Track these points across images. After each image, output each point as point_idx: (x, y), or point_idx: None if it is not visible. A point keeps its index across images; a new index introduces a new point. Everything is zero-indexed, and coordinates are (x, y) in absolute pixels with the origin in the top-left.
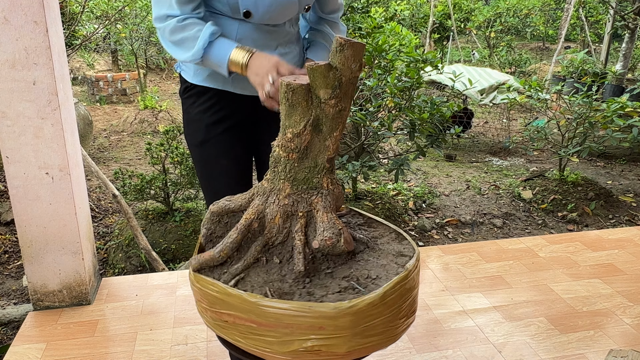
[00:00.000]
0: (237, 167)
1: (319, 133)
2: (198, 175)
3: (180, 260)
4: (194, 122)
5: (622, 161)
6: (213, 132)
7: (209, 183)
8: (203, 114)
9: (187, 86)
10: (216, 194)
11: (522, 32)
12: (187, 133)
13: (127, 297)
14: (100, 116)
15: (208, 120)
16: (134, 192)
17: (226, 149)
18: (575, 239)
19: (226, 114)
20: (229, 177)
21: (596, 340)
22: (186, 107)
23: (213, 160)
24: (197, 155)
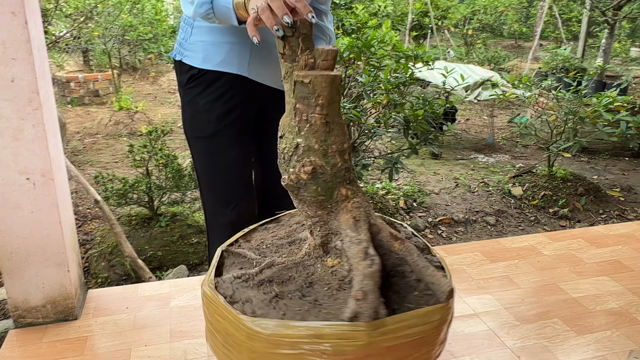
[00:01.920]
0: (246, 157)
1: None
2: (201, 170)
3: (167, 267)
4: (202, 113)
5: (605, 156)
6: (224, 122)
7: (215, 177)
8: (213, 103)
9: (194, 74)
10: (225, 188)
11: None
12: (192, 125)
13: (117, 310)
14: (73, 119)
15: (220, 109)
16: (115, 196)
17: (237, 138)
18: (577, 235)
19: (237, 102)
20: (239, 168)
21: (614, 341)
22: (191, 98)
23: (224, 152)
24: (202, 148)
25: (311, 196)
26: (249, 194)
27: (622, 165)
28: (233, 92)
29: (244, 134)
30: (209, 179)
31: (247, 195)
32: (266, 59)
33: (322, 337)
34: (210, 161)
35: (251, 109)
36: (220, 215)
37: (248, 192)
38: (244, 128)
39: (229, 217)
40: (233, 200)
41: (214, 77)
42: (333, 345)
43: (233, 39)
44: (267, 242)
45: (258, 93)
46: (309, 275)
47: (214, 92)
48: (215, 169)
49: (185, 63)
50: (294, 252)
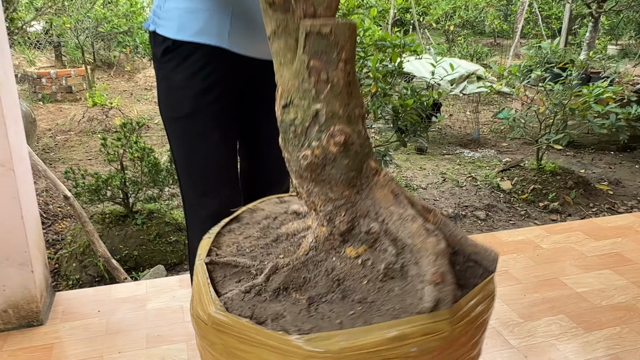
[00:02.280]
0: (227, 141)
1: None
2: (178, 155)
3: (144, 267)
4: (177, 90)
5: (591, 150)
6: (203, 101)
7: (195, 163)
8: (190, 79)
9: (168, 46)
10: (205, 175)
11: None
12: (168, 104)
13: (88, 314)
14: (44, 115)
15: (197, 86)
16: (87, 193)
17: (218, 120)
18: (575, 228)
19: (217, 78)
20: (221, 153)
21: (625, 338)
22: (165, 73)
23: (202, 135)
24: (179, 130)
25: (341, 173)
26: (233, 182)
27: (608, 159)
28: (212, 66)
29: (226, 115)
30: (187, 164)
31: (230, 184)
32: (249, 28)
33: (405, 338)
34: (187, 145)
35: (234, 86)
36: (200, 207)
37: (232, 181)
38: (226, 108)
39: (210, 208)
40: (214, 189)
41: (190, 49)
42: (419, 344)
43: (211, 6)
44: (245, 245)
45: (242, 68)
46: (329, 272)
47: (191, 66)
48: (193, 153)
49: (159, 34)
50: (291, 250)
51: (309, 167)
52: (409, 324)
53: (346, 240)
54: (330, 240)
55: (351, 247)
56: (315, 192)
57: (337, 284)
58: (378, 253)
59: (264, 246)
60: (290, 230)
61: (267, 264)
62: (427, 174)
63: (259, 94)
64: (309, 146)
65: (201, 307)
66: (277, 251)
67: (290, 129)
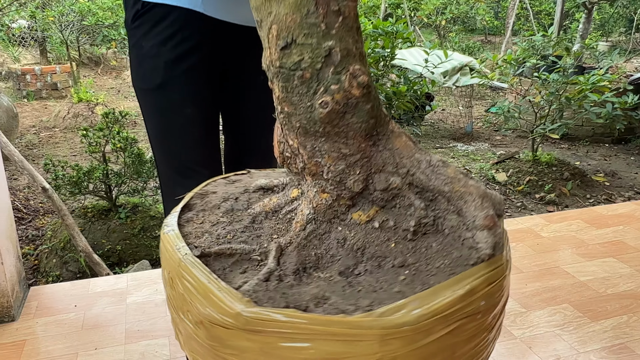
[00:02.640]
0: (204, 116)
1: None
2: (152, 131)
3: (128, 262)
4: (148, 58)
5: (586, 142)
6: (175, 70)
7: (166, 140)
8: (161, 46)
9: (138, 9)
10: (181, 152)
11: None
12: (139, 74)
13: (64, 309)
14: (29, 113)
15: (169, 54)
16: (68, 185)
17: (192, 92)
18: (575, 216)
19: (192, 45)
20: (198, 129)
21: (633, 327)
22: (136, 40)
23: (174, 108)
24: (151, 102)
25: (362, 121)
26: (214, 162)
27: (603, 151)
28: (186, 32)
29: (202, 87)
30: (161, 140)
31: (210, 163)
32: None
33: (474, 293)
34: (160, 119)
35: (212, 55)
36: (177, 187)
37: (212, 160)
38: (203, 79)
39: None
40: (191, 167)
41: (161, 13)
42: (485, 296)
43: None
44: (219, 232)
45: (221, 35)
46: (342, 243)
47: (162, 32)
48: (167, 129)
49: None
50: (282, 228)
51: (327, 117)
52: (473, 277)
53: (353, 205)
54: (334, 208)
55: (359, 212)
56: (325, 150)
57: (361, 254)
58: (398, 211)
59: (245, 229)
60: (268, 207)
61: (267, 246)
62: None
63: (241, 65)
64: (326, 91)
65: (216, 309)
66: (266, 232)
67: (295, 74)
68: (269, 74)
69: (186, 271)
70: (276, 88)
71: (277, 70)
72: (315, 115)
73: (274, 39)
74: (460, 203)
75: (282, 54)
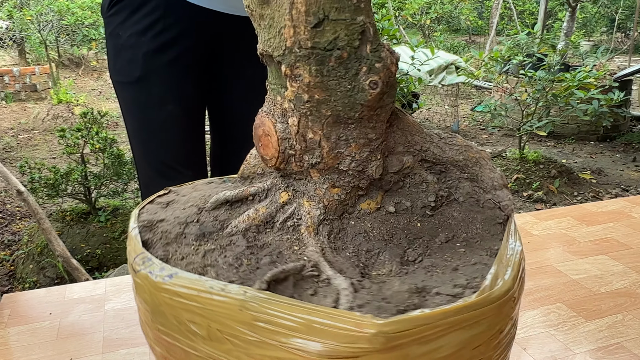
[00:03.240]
0: (188, 112)
1: None
2: (131, 127)
3: (108, 267)
4: (126, 49)
5: (571, 140)
6: (155, 62)
7: (146, 137)
8: (140, 35)
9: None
10: (157, 152)
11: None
12: (116, 66)
13: (38, 317)
14: (7, 115)
15: (148, 45)
16: (45, 188)
17: (174, 86)
18: (565, 213)
19: (174, 35)
20: (177, 127)
21: (628, 326)
22: (113, 28)
23: (155, 104)
24: (130, 97)
25: (391, 101)
26: (198, 162)
27: (588, 149)
28: (167, 21)
29: (186, 81)
30: (139, 138)
31: (193, 163)
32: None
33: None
34: (140, 115)
35: (197, 46)
36: (158, 189)
37: (196, 160)
38: (186, 72)
39: None
40: (172, 167)
41: (140, 0)
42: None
43: None
44: (222, 258)
45: (206, 24)
46: (369, 236)
47: (141, 20)
48: (147, 125)
49: None
50: (291, 238)
51: (375, 99)
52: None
53: (365, 193)
54: (344, 202)
55: (368, 201)
56: (353, 137)
57: (397, 240)
58: (409, 190)
59: (251, 252)
60: (258, 220)
61: (306, 263)
62: None
63: (228, 57)
64: (371, 70)
65: (336, 340)
66: (281, 247)
67: (333, 55)
68: (290, 58)
69: (259, 311)
70: (305, 73)
71: (308, 52)
72: (359, 98)
73: (301, 16)
74: (475, 169)
75: (314, 33)
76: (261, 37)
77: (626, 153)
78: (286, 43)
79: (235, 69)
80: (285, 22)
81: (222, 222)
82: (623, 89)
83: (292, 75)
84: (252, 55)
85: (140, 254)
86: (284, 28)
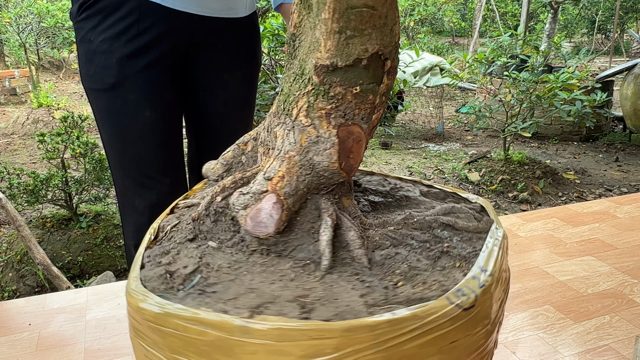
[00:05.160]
0: (165, 119)
1: (309, 12)
2: (106, 136)
3: (90, 274)
4: (99, 54)
5: (555, 141)
6: (130, 68)
7: (123, 146)
8: (114, 40)
9: (85, 1)
10: (134, 162)
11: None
12: (89, 73)
13: (17, 327)
14: None
15: (122, 50)
16: (24, 194)
17: (150, 92)
18: (551, 214)
19: (149, 40)
20: (154, 134)
21: (616, 327)
22: (84, 34)
23: (131, 111)
24: (104, 105)
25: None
26: (176, 170)
27: (572, 149)
28: (142, 25)
29: (162, 88)
30: (115, 147)
31: (172, 172)
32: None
33: None
34: (115, 124)
35: (173, 51)
36: (136, 199)
37: (174, 168)
38: (162, 79)
39: (146, 202)
40: (151, 176)
41: (113, 4)
42: None
43: None
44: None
45: (183, 28)
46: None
47: (114, 25)
48: (123, 134)
49: None
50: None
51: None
52: None
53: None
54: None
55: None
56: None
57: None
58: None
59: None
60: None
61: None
62: (393, 168)
63: (205, 61)
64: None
65: None
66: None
67: None
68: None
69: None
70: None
71: None
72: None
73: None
74: None
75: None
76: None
77: (609, 153)
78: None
79: (212, 71)
80: None
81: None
82: (605, 89)
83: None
84: (229, 57)
85: None
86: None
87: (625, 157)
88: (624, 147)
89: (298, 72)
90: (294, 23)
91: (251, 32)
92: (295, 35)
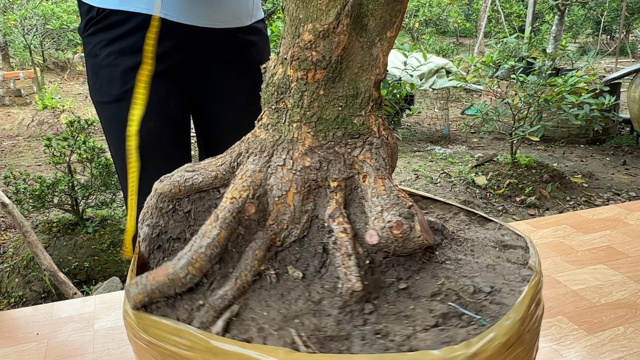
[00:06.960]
0: (172, 130)
1: (361, 32)
2: (113, 147)
3: (96, 280)
4: (104, 69)
5: (562, 144)
6: (134, 80)
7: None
8: (119, 55)
9: (92, 16)
10: (145, 171)
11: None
12: (95, 86)
13: (24, 337)
14: None
15: (127, 63)
16: (31, 199)
17: (154, 104)
18: (561, 221)
19: (155, 53)
20: (161, 146)
21: (630, 339)
22: (91, 48)
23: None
24: (110, 117)
25: None
26: None
27: (579, 152)
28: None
29: (167, 98)
30: (122, 158)
31: None
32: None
33: None
34: (122, 135)
35: (177, 63)
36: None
37: None
38: (167, 89)
39: None
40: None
41: (118, 19)
42: None
43: None
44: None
45: (190, 41)
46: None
47: (120, 40)
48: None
49: (83, 1)
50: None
51: None
52: None
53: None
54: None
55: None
56: None
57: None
58: None
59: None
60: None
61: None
62: (399, 171)
63: (213, 71)
64: None
65: None
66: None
67: None
68: None
69: None
70: None
71: None
72: None
73: None
74: None
75: None
76: None
77: (616, 156)
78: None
79: (219, 80)
80: None
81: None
82: (612, 92)
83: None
84: (237, 65)
85: None
86: None
87: (633, 160)
88: (632, 150)
89: (350, 92)
90: (339, 44)
91: (258, 39)
92: (340, 58)
